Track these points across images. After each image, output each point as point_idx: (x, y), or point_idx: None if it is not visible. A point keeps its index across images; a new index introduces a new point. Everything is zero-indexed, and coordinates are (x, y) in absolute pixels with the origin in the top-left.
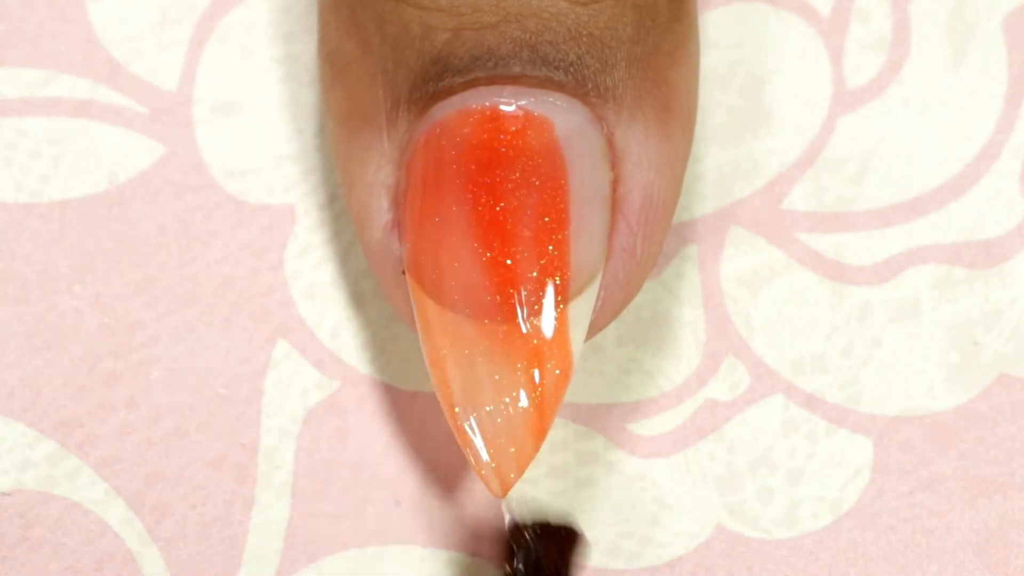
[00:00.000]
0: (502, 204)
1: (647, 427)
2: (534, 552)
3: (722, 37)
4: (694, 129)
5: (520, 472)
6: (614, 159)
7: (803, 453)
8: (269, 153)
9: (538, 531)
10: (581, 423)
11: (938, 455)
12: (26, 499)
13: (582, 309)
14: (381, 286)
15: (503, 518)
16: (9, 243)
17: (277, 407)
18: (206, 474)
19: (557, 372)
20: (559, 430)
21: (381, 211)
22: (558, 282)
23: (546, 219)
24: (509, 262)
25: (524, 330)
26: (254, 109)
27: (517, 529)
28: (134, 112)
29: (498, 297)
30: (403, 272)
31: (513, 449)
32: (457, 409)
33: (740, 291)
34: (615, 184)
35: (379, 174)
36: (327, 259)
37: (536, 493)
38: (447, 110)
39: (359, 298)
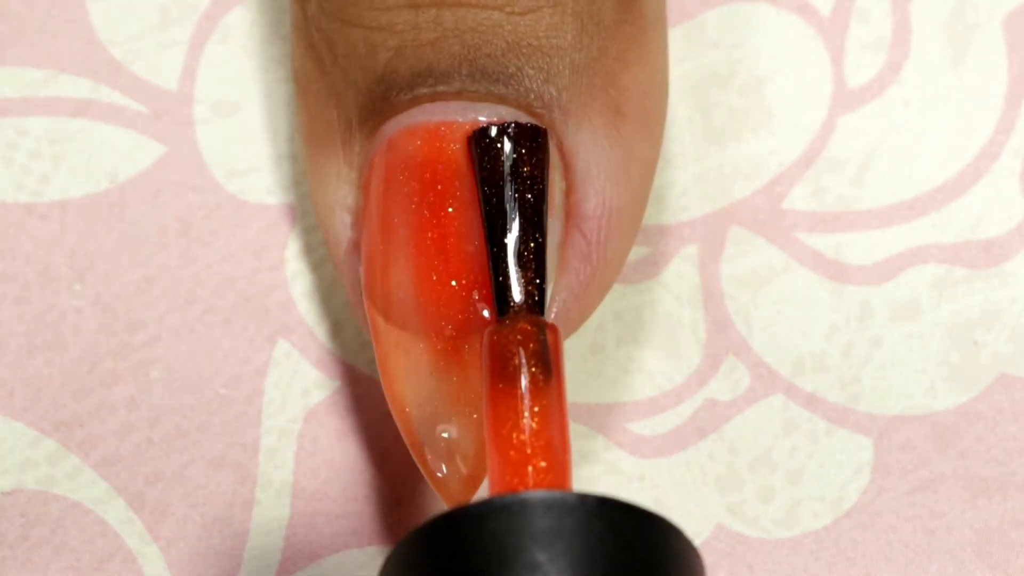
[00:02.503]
0: (446, 221)
1: (647, 427)
2: None
3: (722, 37)
4: (659, 132)
5: (473, 490)
6: (564, 167)
7: (803, 453)
8: (269, 153)
9: None
10: (581, 423)
11: (938, 455)
12: (27, 499)
13: None
14: (349, 302)
15: None
16: (9, 243)
17: (277, 407)
18: (207, 474)
19: None
20: None
21: (344, 232)
22: None
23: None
24: (454, 282)
25: (472, 347)
26: (254, 109)
27: None
28: (135, 112)
29: (444, 315)
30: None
31: (464, 470)
32: (410, 425)
33: (740, 291)
34: (567, 193)
35: (339, 195)
36: (327, 259)
37: None
38: (394, 128)
39: None
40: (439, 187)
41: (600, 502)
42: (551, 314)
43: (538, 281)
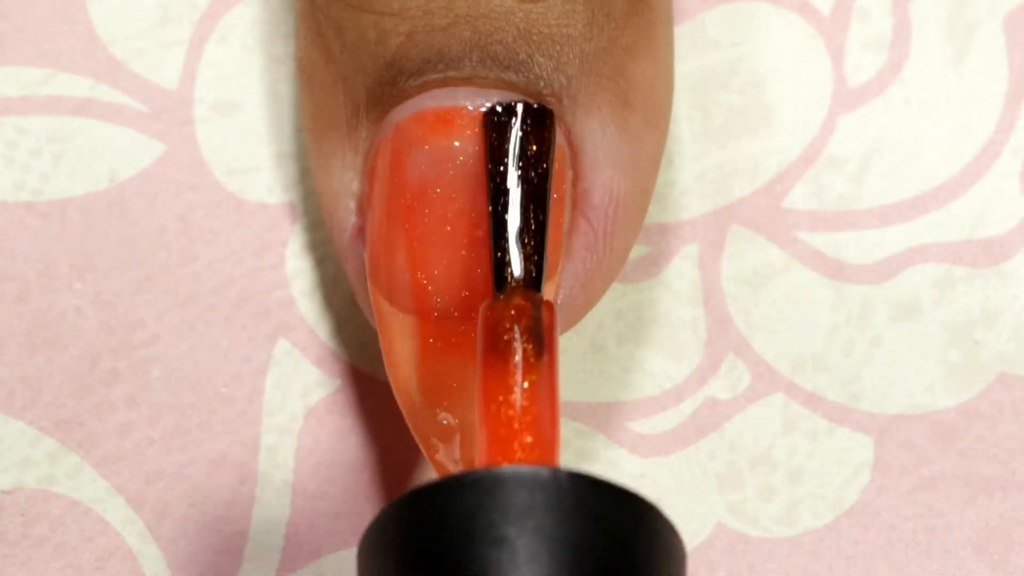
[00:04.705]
0: (456, 207)
1: (647, 426)
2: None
3: (723, 36)
4: (665, 125)
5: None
6: (572, 156)
7: (804, 452)
8: (270, 151)
9: None
10: (581, 422)
11: (939, 454)
12: (27, 497)
13: None
14: (352, 289)
15: None
16: (9, 241)
17: (278, 405)
18: (207, 472)
19: None
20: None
21: (348, 218)
22: None
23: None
24: (461, 265)
25: (475, 332)
26: (255, 108)
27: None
28: (135, 111)
29: (449, 300)
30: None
31: (469, 455)
32: (414, 411)
33: (741, 290)
34: (574, 182)
35: (344, 181)
36: (328, 257)
37: None
38: (402, 114)
39: None
40: (447, 172)
41: (573, 478)
42: (556, 302)
43: (536, 258)
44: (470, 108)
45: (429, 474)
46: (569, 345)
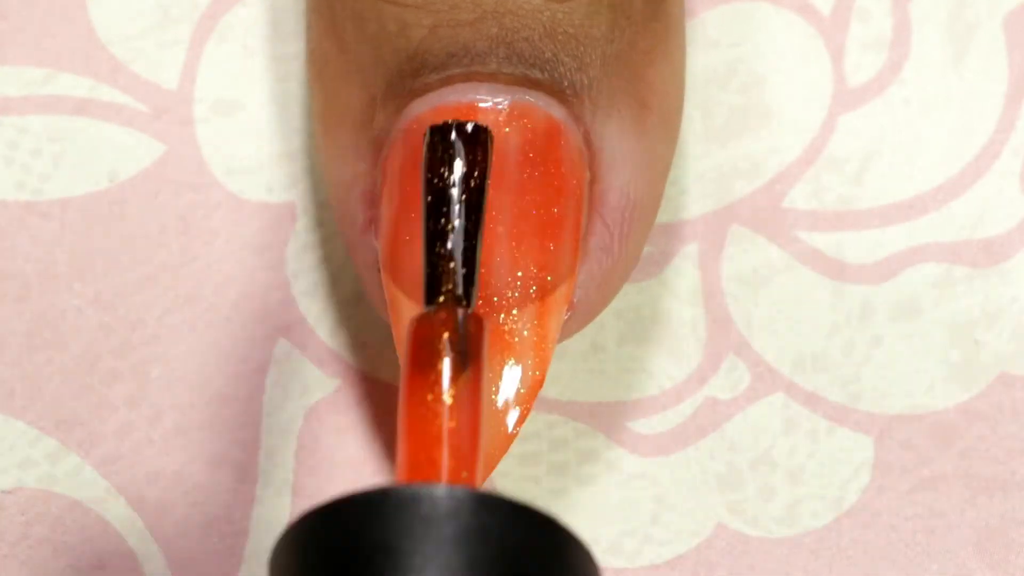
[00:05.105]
0: None
1: (648, 425)
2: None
3: (723, 36)
4: (677, 129)
5: (490, 469)
6: (590, 157)
7: (804, 452)
8: (270, 151)
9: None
10: (582, 421)
11: (939, 454)
12: (27, 497)
13: (553, 309)
14: (362, 282)
15: None
16: (9, 241)
17: (277, 405)
18: (207, 472)
19: (530, 373)
20: (560, 428)
21: (359, 210)
22: (529, 280)
23: (519, 216)
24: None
25: (491, 327)
26: (255, 107)
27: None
28: (135, 110)
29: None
30: (379, 269)
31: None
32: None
33: (741, 290)
34: (591, 183)
35: (356, 172)
36: (328, 257)
37: (537, 491)
38: (423, 107)
39: (359, 296)
40: None
41: (472, 496)
42: (571, 303)
43: (466, 272)
44: (491, 104)
45: None
46: (570, 345)
